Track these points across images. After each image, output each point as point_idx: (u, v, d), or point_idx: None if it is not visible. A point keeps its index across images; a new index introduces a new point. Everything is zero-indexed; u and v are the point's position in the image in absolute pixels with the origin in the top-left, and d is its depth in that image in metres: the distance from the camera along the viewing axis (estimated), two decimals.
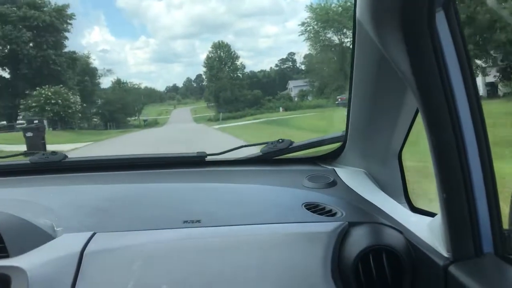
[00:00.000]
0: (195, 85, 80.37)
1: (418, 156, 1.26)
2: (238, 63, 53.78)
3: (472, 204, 0.67)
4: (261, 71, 56.76)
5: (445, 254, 0.71)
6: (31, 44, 28.83)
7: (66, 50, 31.55)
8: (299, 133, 12.74)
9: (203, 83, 71.58)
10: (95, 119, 40.62)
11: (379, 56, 0.89)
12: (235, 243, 0.88)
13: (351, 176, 1.26)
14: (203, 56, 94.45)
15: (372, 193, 1.12)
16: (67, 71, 30.50)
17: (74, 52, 32.83)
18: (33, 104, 24.73)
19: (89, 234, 0.88)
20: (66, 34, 31.79)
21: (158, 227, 0.93)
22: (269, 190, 1.20)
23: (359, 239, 0.87)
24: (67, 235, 0.89)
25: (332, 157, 1.42)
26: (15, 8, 28.19)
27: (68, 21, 31.35)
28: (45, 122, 24.01)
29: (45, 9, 29.64)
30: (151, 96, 73.23)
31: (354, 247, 0.85)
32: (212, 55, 52.35)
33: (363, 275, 0.81)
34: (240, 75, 53.08)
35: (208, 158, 1.42)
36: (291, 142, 1.42)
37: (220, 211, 1.03)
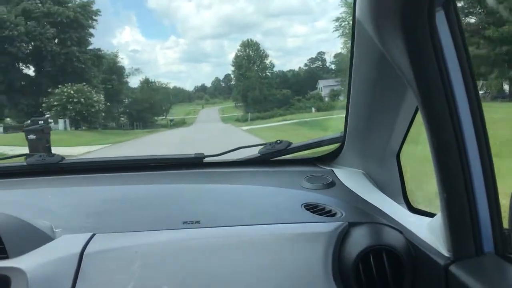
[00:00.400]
0: (223, 84, 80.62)
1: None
2: (267, 61, 52.27)
3: (472, 203, 0.68)
4: (290, 70, 55.18)
5: (446, 253, 0.72)
6: (55, 41, 27.96)
7: (91, 47, 30.71)
8: None
9: (231, 83, 70.30)
10: (122, 119, 40.08)
11: (378, 56, 0.89)
12: (235, 244, 0.87)
13: (349, 177, 1.26)
14: (231, 56, 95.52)
15: (371, 193, 1.13)
16: (92, 69, 29.54)
17: (99, 49, 31.62)
18: (55, 103, 23.89)
19: (89, 235, 0.88)
20: (91, 30, 30.82)
21: (157, 228, 0.92)
22: (268, 191, 1.20)
23: (359, 239, 0.86)
24: (66, 236, 0.89)
25: (330, 158, 1.43)
26: (39, 4, 27.45)
27: (94, 17, 30.44)
28: (67, 121, 23.10)
29: (69, 4, 28.84)
30: (179, 96, 72.99)
31: (354, 247, 0.84)
32: (241, 53, 51.21)
33: (363, 275, 0.81)
34: (269, 74, 51.70)
35: (206, 159, 1.42)
36: (289, 143, 1.43)
37: (220, 212, 1.02)
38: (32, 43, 27.59)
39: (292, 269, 0.82)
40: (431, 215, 0.90)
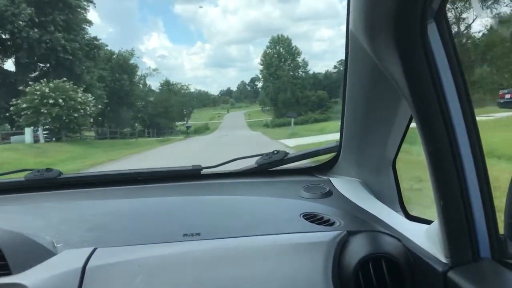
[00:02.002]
0: (249, 88, 76.98)
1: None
2: (299, 59, 47.13)
3: (468, 210, 0.69)
4: (319, 73, 50.29)
5: (444, 260, 0.73)
6: (33, 24, 21.06)
7: (87, 37, 24.27)
8: None
9: (258, 87, 64.29)
10: (136, 125, 34.04)
11: (372, 66, 0.91)
12: (236, 255, 0.88)
13: (346, 186, 1.27)
14: (257, 61, 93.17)
15: (368, 202, 1.13)
16: (83, 62, 23.20)
17: (95, 38, 25.02)
18: (24, 105, 17.47)
19: (90, 249, 0.88)
20: (85, 14, 24.31)
21: (158, 241, 0.93)
22: (266, 201, 1.20)
23: (358, 248, 0.87)
24: (68, 251, 0.89)
25: (327, 168, 1.44)
26: None
27: None
28: (40, 131, 16.62)
29: None
30: (204, 100, 68.45)
31: (353, 256, 0.85)
32: (270, 51, 46.37)
33: (363, 283, 0.82)
34: (302, 74, 46.20)
35: (204, 171, 1.43)
36: (286, 153, 1.43)
37: (219, 224, 1.03)
38: (3, 28, 20.80)
39: (293, 279, 0.82)
40: (428, 222, 0.91)
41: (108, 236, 0.97)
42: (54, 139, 18.51)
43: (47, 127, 17.88)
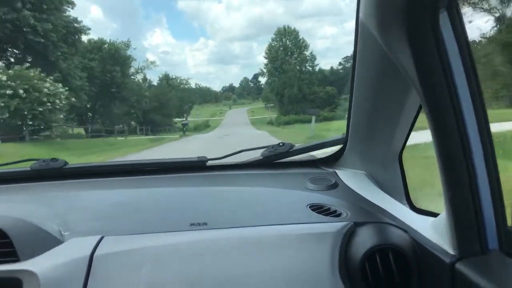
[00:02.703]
0: (252, 85, 75.09)
1: None
2: (307, 53, 43.51)
3: (477, 202, 0.68)
4: (324, 69, 46.88)
5: (451, 251, 0.73)
6: None
7: (66, 19, 20.68)
8: None
9: (261, 83, 61.23)
10: (132, 122, 30.90)
11: (381, 57, 0.90)
12: (243, 245, 0.88)
13: (352, 178, 1.26)
14: (260, 58, 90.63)
15: (374, 194, 1.13)
16: (59, 47, 19.59)
17: (75, 20, 20.79)
18: None
19: (97, 237, 0.88)
20: None
21: (165, 230, 0.92)
22: (272, 192, 1.19)
23: (365, 239, 0.87)
24: (75, 239, 0.89)
25: (333, 160, 1.43)
26: None
27: None
28: None
29: None
30: (205, 96, 66.12)
31: (360, 247, 0.85)
32: (276, 43, 43.14)
33: (370, 274, 0.82)
34: (310, 68, 42.55)
35: (209, 162, 1.43)
36: (292, 146, 1.42)
37: (226, 214, 1.03)
38: None
39: (300, 269, 0.82)
40: (434, 214, 0.91)
41: (115, 225, 0.96)
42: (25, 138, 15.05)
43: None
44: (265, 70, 42.32)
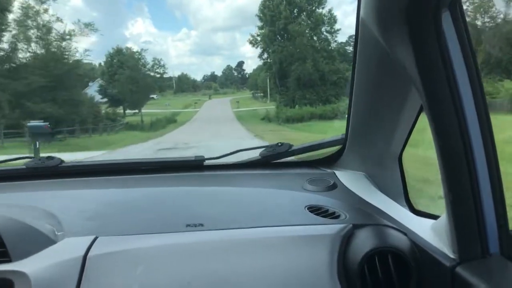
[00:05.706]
0: (236, 73, 70.91)
1: None
2: (323, 11, 26.00)
3: (478, 205, 0.68)
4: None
5: (451, 255, 0.72)
6: None
7: None
8: None
9: (245, 72, 55.84)
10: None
11: (382, 56, 0.89)
12: (240, 246, 0.87)
13: (351, 179, 1.25)
14: (243, 49, 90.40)
15: (373, 195, 1.12)
16: None
17: None
18: None
19: (91, 238, 0.87)
20: None
21: (160, 231, 0.91)
22: (270, 193, 1.18)
23: (364, 241, 0.86)
24: (69, 239, 0.88)
25: (332, 160, 1.41)
26: None
27: None
28: None
29: None
30: (183, 85, 59.15)
31: (359, 249, 0.84)
32: None
33: (369, 277, 0.81)
34: (328, 35, 26.16)
35: (207, 162, 1.41)
36: (290, 146, 1.41)
37: (223, 215, 1.01)
38: None
39: (297, 271, 0.81)
40: (434, 217, 0.90)
41: (109, 225, 0.95)
42: None
43: None
44: (258, 38, 26.72)
